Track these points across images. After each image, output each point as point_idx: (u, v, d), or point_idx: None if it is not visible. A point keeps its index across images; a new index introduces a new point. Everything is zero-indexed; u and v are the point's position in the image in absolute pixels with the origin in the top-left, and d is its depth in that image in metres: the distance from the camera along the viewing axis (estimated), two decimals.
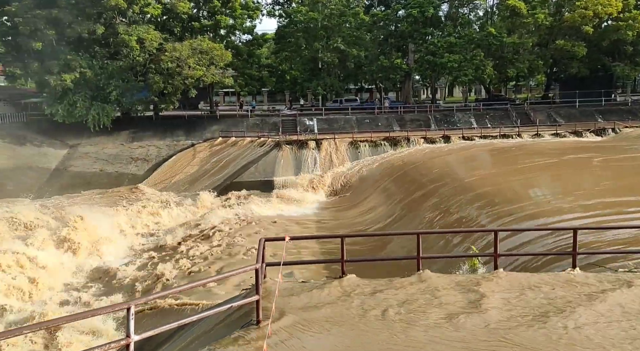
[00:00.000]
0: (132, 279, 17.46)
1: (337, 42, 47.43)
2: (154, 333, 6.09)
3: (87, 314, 5.98)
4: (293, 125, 44.16)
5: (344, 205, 29.21)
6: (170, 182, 38.53)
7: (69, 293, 16.88)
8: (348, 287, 8.10)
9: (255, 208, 26.94)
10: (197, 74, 41.83)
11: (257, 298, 6.89)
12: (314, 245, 18.52)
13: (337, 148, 38.05)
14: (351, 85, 59.83)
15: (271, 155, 37.86)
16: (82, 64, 40.17)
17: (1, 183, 36.84)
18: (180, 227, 24.54)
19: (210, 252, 19.13)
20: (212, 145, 42.00)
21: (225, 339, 6.39)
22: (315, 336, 6.41)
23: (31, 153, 40.38)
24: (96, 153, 41.67)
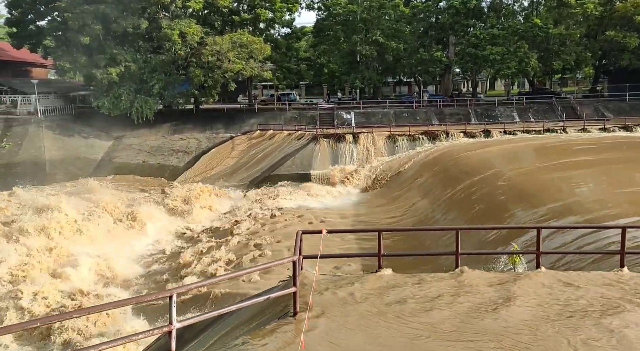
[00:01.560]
0: (165, 269, 18.00)
1: (376, 35, 46.94)
2: (195, 321, 6.27)
3: (132, 301, 6.21)
4: (330, 118, 44.14)
5: (380, 199, 29.04)
6: (209, 174, 39.31)
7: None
8: (384, 282, 8.07)
9: (290, 200, 27.16)
10: (236, 68, 42.37)
11: (294, 290, 6.96)
12: (349, 239, 18.52)
13: (374, 142, 37.80)
14: (389, 79, 59.19)
15: (308, 148, 38.00)
16: (126, 58, 41.39)
17: (52, 172, 38.63)
18: (215, 219, 25.04)
19: (246, 242, 19.45)
20: (250, 137, 42.53)
21: (263, 330, 6.50)
22: (351, 329, 6.44)
23: (79, 144, 42.05)
24: (139, 144, 42.97)
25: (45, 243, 18.79)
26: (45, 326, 12.71)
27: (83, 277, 17.04)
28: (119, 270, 18.17)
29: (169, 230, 24.01)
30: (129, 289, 16.62)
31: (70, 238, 19.91)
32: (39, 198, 25.05)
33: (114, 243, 20.59)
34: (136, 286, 17.03)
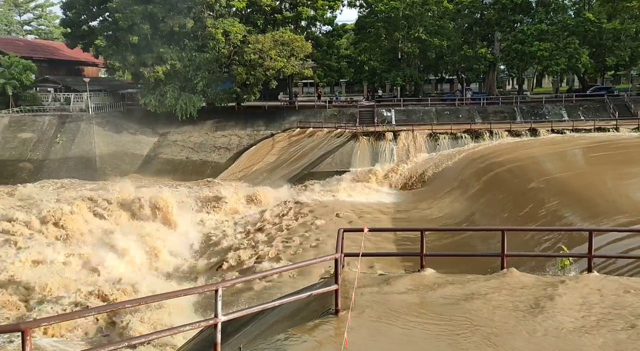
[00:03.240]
0: (212, 263, 18.39)
1: (418, 32, 46.25)
2: (239, 315, 6.38)
3: (180, 293, 6.39)
4: (370, 116, 43.89)
5: (420, 197, 28.65)
6: (250, 170, 39.91)
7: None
8: (427, 281, 7.96)
9: (330, 198, 27.20)
10: (278, 65, 42.78)
11: (336, 287, 6.97)
12: (389, 237, 18.37)
13: (415, 140, 37.31)
14: (431, 76, 58.23)
15: (348, 146, 37.93)
16: (172, 56, 42.56)
17: (102, 167, 40.27)
18: (255, 215, 25.35)
19: (286, 239, 19.62)
20: (291, 135, 42.84)
21: (305, 326, 6.54)
22: (393, 328, 6.39)
23: (127, 141, 43.61)
24: (183, 141, 44.12)
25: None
26: (97, 315, 13.19)
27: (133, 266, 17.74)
28: (166, 261, 18.76)
29: (207, 225, 24.53)
30: (172, 280, 17.12)
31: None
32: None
33: (159, 235, 21.26)
34: (179, 278, 17.50)
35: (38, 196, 28.00)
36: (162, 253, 19.42)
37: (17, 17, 73.66)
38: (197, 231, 23.66)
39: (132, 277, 16.91)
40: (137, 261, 18.42)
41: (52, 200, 24.53)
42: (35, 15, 75.77)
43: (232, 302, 13.87)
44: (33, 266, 16.86)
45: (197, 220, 25.06)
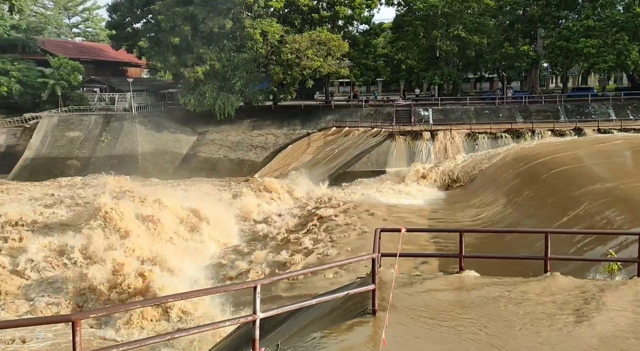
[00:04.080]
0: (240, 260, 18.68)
1: (457, 30, 45.40)
2: (276, 312, 6.44)
3: (220, 289, 6.51)
4: (407, 115, 43.42)
5: (458, 198, 28.12)
6: (285, 169, 40.21)
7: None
8: (466, 284, 7.82)
9: (366, 197, 27.07)
10: (314, 65, 42.95)
11: (373, 287, 6.93)
12: (426, 238, 18.13)
13: (452, 140, 36.66)
14: (470, 75, 57.07)
15: (384, 146, 37.66)
16: (211, 57, 43.41)
17: (144, 165, 41.54)
18: (290, 214, 25.51)
19: (322, 238, 19.66)
20: (326, 134, 42.92)
21: (342, 325, 6.54)
22: (431, 330, 6.31)
23: (167, 139, 44.80)
24: (221, 140, 44.94)
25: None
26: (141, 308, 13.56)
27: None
28: (205, 257, 19.24)
29: (245, 223, 24.89)
30: (210, 277, 17.49)
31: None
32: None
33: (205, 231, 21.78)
34: (216, 275, 17.84)
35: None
36: (202, 250, 19.87)
37: (66, 20, 76.91)
38: (232, 230, 24.05)
39: (176, 270, 17.44)
40: (184, 255, 18.92)
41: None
42: (83, 18, 78.91)
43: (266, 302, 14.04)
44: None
45: (233, 217, 25.46)
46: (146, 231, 19.84)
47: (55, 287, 15.96)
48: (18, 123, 45.32)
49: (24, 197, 31.03)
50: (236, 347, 9.23)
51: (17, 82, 45.26)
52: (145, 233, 19.69)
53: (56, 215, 23.65)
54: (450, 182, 31.99)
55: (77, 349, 4.87)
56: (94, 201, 22.15)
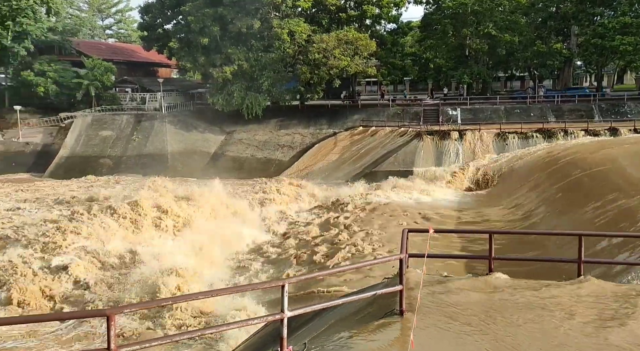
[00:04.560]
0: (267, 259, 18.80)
1: (487, 28, 44.59)
2: (304, 311, 6.48)
3: (248, 287, 6.60)
4: (435, 115, 42.95)
5: (487, 199, 27.66)
6: (312, 169, 40.36)
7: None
8: (496, 285, 7.68)
9: (392, 197, 26.90)
10: (341, 64, 42.93)
11: (401, 288, 6.89)
12: (453, 239, 17.90)
13: (481, 140, 36.08)
14: (500, 73, 55.97)
15: (411, 145, 37.35)
16: (239, 57, 43.89)
17: (173, 165, 42.32)
18: (315, 214, 25.57)
19: (348, 238, 19.63)
20: (353, 134, 42.85)
21: (369, 325, 6.53)
22: (459, 332, 6.24)
23: (196, 139, 45.51)
24: (248, 139, 45.38)
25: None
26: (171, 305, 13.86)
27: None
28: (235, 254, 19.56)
29: (269, 222, 25.05)
30: (238, 275, 17.68)
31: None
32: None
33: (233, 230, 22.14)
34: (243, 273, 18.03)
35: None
36: (231, 247, 20.17)
37: (100, 22, 79.07)
38: (259, 227, 24.27)
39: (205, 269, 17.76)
40: (213, 253, 19.24)
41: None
42: (116, 20, 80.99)
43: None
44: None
45: (260, 216, 25.68)
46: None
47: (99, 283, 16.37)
48: (54, 122, 46.78)
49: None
50: (263, 345, 9.31)
51: (54, 83, 46.72)
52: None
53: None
54: (479, 182, 31.50)
55: (111, 343, 5.01)
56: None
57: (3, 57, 47.46)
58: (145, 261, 17.34)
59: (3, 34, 45.60)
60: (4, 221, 23.73)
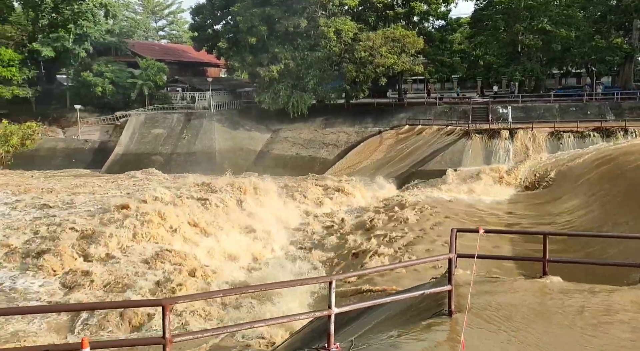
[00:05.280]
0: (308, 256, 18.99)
1: (542, 23, 42.90)
2: (351, 308, 6.50)
3: (297, 282, 6.68)
4: (484, 113, 41.79)
5: (538, 199, 26.66)
6: (357, 167, 40.22)
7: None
8: (550, 289, 7.42)
9: (439, 196, 26.41)
10: (388, 62, 42.54)
11: (450, 288, 6.79)
12: (502, 240, 17.37)
13: (534, 139, 34.75)
14: (554, 70, 53.73)
15: (459, 144, 36.50)
16: (286, 56, 44.34)
17: (220, 162, 43.31)
18: (360, 213, 25.47)
19: (395, 237, 19.45)
20: (399, 132, 42.36)
21: (417, 325, 6.47)
22: (510, 335, 6.07)
23: (243, 137, 46.39)
24: (293, 138, 45.78)
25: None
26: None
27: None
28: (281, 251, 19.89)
29: (314, 219, 25.22)
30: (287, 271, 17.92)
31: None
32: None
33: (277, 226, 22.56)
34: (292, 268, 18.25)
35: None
36: (277, 243, 20.51)
37: (153, 23, 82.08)
38: (304, 224, 24.48)
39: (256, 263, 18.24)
40: (264, 248, 19.72)
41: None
42: (168, 21, 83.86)
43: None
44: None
45: (304, 213, 25.89)
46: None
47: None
48: (110, 121, 48.96)
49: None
50: (308, 341, 9.40)
51: (110, 83, 48.88)
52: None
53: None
54: (530, 182, 30.40)
55: (166, 331, 5.22)
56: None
57: (65, 58, 50.11)
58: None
59: (65, 36, 48.15)
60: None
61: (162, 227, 19.18)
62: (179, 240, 18.97)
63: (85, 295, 15.16)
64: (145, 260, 17.04)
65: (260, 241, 20.32)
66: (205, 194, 24.14)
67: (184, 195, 23.49)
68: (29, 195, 31.53)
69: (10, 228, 22.49)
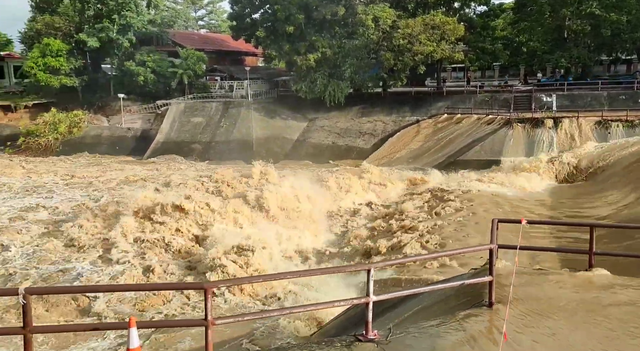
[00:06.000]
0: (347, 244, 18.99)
1: (591, 7, 40.95)
2: (389, 297, 6.49)
3: (335, 270, 6.73)
4: (527, 101, 40.49)
5: (583, 191, 25.75)
6: (393, 157, 39.86)
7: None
8: (596, 282, 7.18)
9: (478, 186, 25.86)
10: (427, 50, 41.71)
11: (490, 279, 6.67)
12: (547, 233, 16.89)
13: (580, 128, 33.51)
14: (603, 56, 51.34)
15: (500, 134, 35.59)
16: (323, 44, 44.12)
17: (257, 150, 43.78)
18: (397, 202, 25.24)
19: (431, 227, 19.22)
20: (437, 121, 41.64)
21: (456, 315, 6.39)
22: (552, 328, 5.92)
23: (279, 125, 46.65)
24: (330, 126, 45.70)
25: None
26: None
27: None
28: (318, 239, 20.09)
29: (349, 207, 25.21)
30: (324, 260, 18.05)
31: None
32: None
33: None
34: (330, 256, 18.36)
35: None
36: (315, 231, 20.70)
37: (193, 13, 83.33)
38: (340, 212, 24.52)
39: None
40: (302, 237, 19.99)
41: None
42: (207, 11, 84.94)
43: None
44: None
45: (341, 202, 25.88)
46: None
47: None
48: (151, 109, 50.22)
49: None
50: (345, 328, 9.47)
51: (152, 72, 50.04)
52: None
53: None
54: (575, 173, 29.37)
55: (208, 313, 5.36)
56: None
57: (109, 48, 51.62)
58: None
59: (110, 26, 49.55)
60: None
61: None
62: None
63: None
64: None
65: (300, 231, 20.51)
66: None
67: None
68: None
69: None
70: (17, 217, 23.95)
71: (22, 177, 35.46)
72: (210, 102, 49.33)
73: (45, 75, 48.05)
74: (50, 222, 22.98)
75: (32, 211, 25.18)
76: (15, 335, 8.43)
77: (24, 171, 37.80)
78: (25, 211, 25.22)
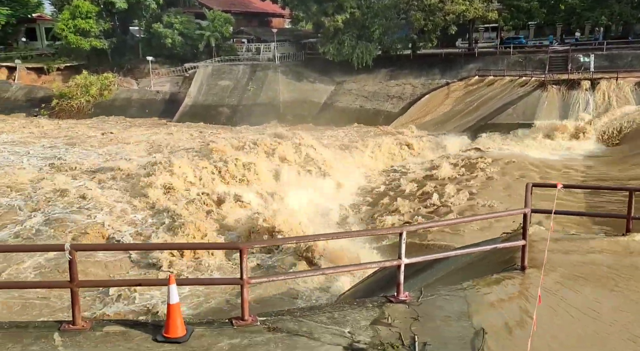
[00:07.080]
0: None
1: None
2: (421, 259, 6.53)
3: (367, 232, 6.80)
4: (563, 62, 38.86)
5: (621, 155, 24.96)
6: (422, 120, 39.20)
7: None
8: (632, 248, 7.05)
9: (511, 150, 25.36)
10: (459, 9, 40.20)
11: (524, 243, 6.63)
12: (580, 198, 16.55)
13: (619, 90, 32.08)
14: None
15: (533, 96, 34.44)
16: (351, 4, 42.95)
17: (284, 113, 43.70)
18: (429, 166, 25.02)
19: (464, 191, 19.05)
20: (467, 84, 40.52)
21: (488, 278, 6.42)
22: (585, 293, 5.89)
23: (306, 89, 46.22)
24: (358, 90, 45.04)
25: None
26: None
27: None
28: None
29: (383, 172, 25.15)
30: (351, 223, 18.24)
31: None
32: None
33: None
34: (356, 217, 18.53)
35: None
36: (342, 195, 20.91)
37: None
38: (369, 175, 24.53)
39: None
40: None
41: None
42: None
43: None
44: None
45: (370, 166, 25.87)
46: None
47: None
48: (179, 72, 50.36)
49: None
50: (373, 290, 9.64)
51: (179, 34, 49.90)
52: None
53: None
54: (613, 136, 28.41)
55: (243, 273, 5.53)
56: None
57: (137, 10, 51.52)
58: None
59: None
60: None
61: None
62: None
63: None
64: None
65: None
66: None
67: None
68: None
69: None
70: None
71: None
72: (238, 65, 49.08)
73: (75, 37, 48.46)
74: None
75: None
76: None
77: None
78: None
